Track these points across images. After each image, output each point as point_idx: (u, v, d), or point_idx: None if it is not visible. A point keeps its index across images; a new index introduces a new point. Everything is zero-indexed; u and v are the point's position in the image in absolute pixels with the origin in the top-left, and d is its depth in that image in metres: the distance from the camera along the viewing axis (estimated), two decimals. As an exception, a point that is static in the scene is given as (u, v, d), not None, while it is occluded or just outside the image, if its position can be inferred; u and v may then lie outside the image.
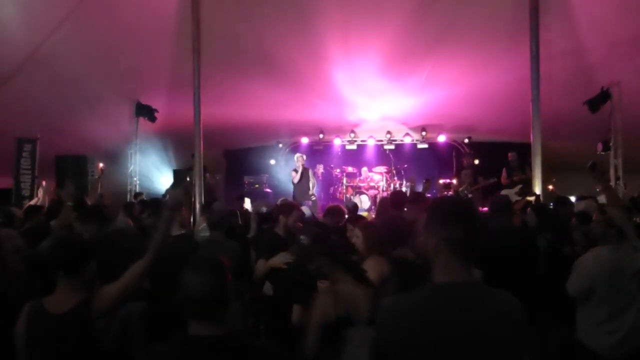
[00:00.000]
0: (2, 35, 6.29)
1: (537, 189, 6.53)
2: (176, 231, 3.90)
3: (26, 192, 8.23)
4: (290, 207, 4.48)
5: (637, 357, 3.07)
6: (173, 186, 8.37)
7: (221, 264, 1.77)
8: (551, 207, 5.20)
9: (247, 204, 7.52)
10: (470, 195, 9.41)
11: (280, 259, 3.61)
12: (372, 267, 3.18)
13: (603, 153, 7.91)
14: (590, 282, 3.08)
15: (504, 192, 9.16)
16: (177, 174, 9.43)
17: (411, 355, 1.48)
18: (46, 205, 6.24)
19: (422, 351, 1.46)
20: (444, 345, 1.45)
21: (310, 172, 10.19)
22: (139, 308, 3.80)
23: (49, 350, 2.20)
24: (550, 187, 7.19)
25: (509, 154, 9.27)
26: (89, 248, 2.45)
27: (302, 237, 3.42)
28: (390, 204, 5.04)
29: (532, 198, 6.02)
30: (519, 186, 8.83)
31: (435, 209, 1.67)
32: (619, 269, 3.04)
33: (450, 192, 9.79)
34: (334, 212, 4.97)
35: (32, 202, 6.79)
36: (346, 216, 5.02)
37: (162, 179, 9.88)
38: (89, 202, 5.95)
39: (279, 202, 5.88)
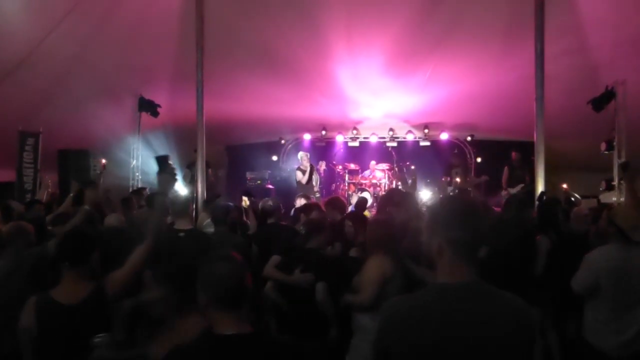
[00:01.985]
0: (5, 29, 6.29)
1: (540, 188, 6.52)
2: (187, 226, 3.91)
3: (29, 186, 8.22)
4: (310, 207, 4.63)
5: None
6: (159, 172, 8.33)
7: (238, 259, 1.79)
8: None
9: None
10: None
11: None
12: (375, 266, 3.19)
13: (607, 152, 7.89)
14: (596, 278, 3.07)
15: (506, 191, 9.19)
16: (159, 160, 9.17)
17: (412, 356, 1.46)
18: (44, 199, 6.27)
19: (423, 352, 1.45)
20: (445, 347, 1.43)
21: (314, 168, 10.21)
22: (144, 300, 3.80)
23: (62, 340, 2.21)
24: (565, 186, 7.19)
25: (513, 153, 9.24)
26: (93, 239, 2.48)
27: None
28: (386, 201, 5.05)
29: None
30: (522, 185, 8.83)
31: (438, 209, 1.63)
32: (625, 268, 3.02)
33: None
34: (335, 204, 4.92)
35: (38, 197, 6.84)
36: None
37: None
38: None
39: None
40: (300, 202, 5.87)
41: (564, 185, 7.11)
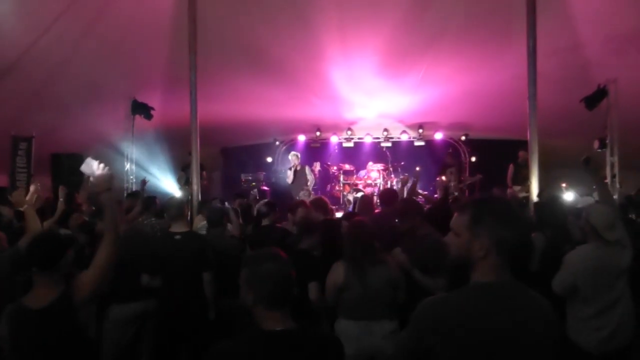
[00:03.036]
0: (-4, 33, 6.25)
1: (535, 187, 6.55)
2: (183, 228, 3.90)
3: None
4: (296, 205, 4.57)
5: (625, 352, 3.09)
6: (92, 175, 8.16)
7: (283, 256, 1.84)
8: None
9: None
10: (456, 193, 9.42)
11: None
12: (330, 272, 3.23)
13: (600, 150, 7.93)
14: (574, 279, 3.09)
15: (511, 189, 9.19)
16: (83, 165, 8.86)
17: (462, 354, 1.48)
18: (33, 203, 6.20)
19: (473, 351, 1.48)
20: (495, 344, 1.47)
21: (308, 169, 10.17)
22: (151, 305, 3.78)
23: (34, 346, 2.18)
24: (564, 184, 7.23)
25: (520, 153, 9.21)
26: (63, 242, 2.41)
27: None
28: (380, 201, 5.01)
29: None
30: (528, 183, 8.83)
31: (484, 209, 1.61)
32: (603, 266, 3.04)
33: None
34: (318, 204, 4.86)
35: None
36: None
37: (158, 177, 9.84)
38: (79, 200, 5.95)
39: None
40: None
41: (563, 184, 7.16)
